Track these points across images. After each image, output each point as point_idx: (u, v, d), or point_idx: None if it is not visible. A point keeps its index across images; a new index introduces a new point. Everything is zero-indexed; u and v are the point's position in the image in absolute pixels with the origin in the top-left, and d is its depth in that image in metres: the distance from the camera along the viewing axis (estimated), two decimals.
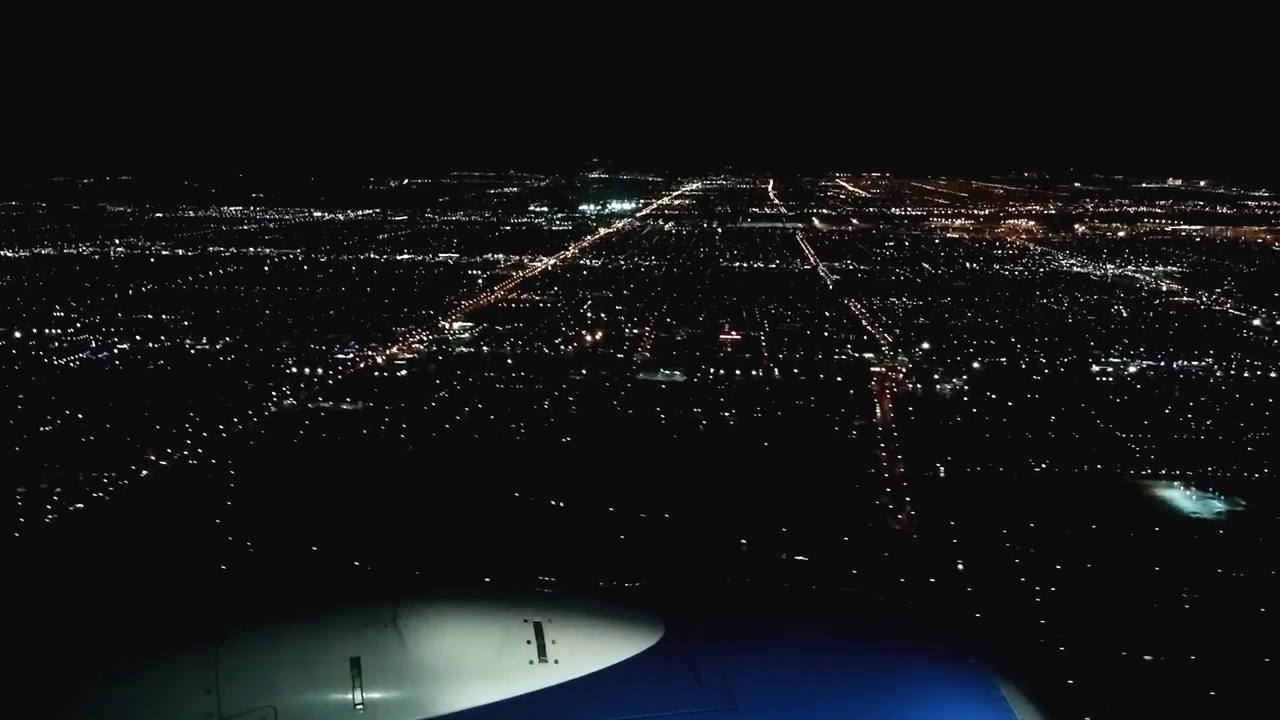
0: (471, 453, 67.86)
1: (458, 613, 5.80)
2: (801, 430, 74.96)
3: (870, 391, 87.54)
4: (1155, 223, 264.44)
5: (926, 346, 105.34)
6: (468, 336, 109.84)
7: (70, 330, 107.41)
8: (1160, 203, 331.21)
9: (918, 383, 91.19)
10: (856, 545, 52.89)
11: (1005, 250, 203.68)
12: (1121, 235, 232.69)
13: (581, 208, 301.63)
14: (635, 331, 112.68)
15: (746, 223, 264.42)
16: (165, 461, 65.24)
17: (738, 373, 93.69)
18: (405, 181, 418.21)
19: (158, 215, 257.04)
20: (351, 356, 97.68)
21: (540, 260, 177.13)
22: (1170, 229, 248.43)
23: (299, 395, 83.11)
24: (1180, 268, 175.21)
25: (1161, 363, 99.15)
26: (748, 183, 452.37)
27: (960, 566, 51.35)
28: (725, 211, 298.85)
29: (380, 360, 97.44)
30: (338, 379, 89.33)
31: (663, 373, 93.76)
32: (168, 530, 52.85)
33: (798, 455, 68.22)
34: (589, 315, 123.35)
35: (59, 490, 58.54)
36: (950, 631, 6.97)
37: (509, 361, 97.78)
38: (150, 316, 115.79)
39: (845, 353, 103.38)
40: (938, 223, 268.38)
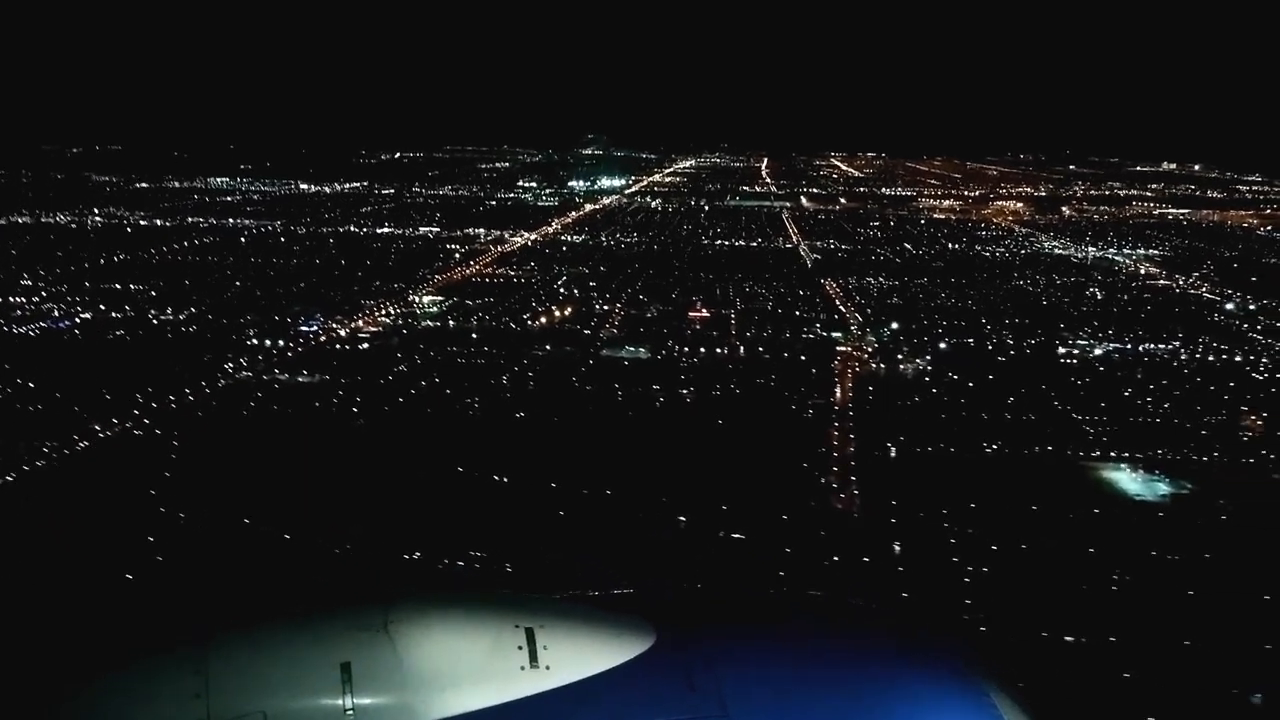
0: (419, 426, 67.70)
1: (449, 618, 5.75)
2: (757, 408, 74.94)
3: (832, 370, 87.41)
4: (1144, 206, 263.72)
5: (895, 327, 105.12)
6: (435, 310, 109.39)
7: (34, 300, 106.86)
8: (1152, 186, 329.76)
9: (880, 362, 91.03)
10: (793, 524, 52.86)
11: (989, 231, 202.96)
12: (1108, 218, 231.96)
13: (571, 184, 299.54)
14: (605, 308, 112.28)
15: (734, 201, 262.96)
16: (109, 433, 64.92)
17: (702, 350, 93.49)
18: (397, 155, 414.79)
19: (141, 185, 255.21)
20: (315, 329, 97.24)
21: (520, 236, 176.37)
22: (1158, 212, 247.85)
23: (255, 368, 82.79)
24: (1162, 251, 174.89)
25: (1128, 345, 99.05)
26: (741, 160, 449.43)
27: (897, 548, 51.41)
28: (715, 189, 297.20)
29: (343, 333, 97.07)
30: (297, 351, 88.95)
31: (626, 349, 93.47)
32: (96, 505, 52.58)
33: (750, 433, 68.21)
34: (561, 291, 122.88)
35: None
36: (935, 639, 7.09)
37: (474, 336, 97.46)
38: (118, 287, 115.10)
39: (814, 332, 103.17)
40: (926, 203, 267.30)
